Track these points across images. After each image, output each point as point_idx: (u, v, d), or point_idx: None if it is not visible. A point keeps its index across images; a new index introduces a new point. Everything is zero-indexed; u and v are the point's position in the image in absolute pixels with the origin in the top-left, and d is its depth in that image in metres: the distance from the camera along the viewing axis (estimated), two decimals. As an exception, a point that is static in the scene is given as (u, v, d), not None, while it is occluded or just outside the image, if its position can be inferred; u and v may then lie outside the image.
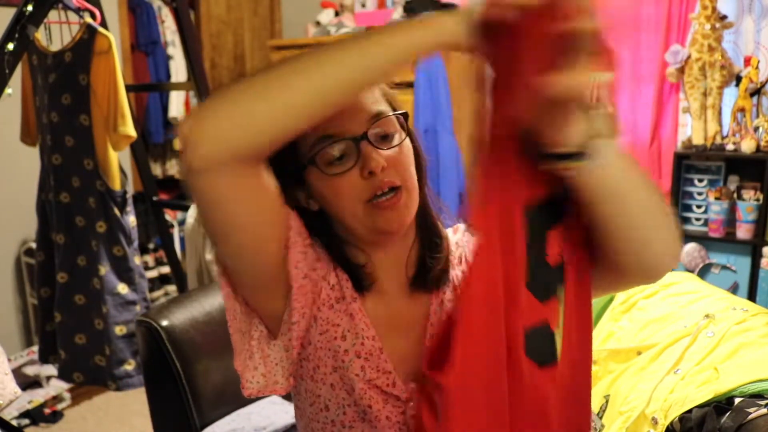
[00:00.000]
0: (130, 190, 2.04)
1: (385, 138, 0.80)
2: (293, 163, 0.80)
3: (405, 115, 0.83)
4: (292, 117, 0.63)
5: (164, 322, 1.32)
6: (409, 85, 2.73)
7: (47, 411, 2.60)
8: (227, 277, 0.79)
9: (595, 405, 1.68)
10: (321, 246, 0.85)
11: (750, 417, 1.46)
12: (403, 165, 0.79)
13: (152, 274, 3.19)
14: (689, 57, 2.57)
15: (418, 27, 0.62)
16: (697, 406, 1.53)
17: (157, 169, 3.81)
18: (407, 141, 0.82)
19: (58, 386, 2.66)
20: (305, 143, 0.79)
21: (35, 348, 2.55)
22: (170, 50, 3.69)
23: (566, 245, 0.67)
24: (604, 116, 0.61)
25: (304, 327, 0.79)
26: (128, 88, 2.02)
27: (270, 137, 0.64)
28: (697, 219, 2.71)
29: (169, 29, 3.68)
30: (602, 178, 0.64)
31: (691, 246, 2.61)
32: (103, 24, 1.98)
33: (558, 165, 0.63)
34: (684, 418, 1.54)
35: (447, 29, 0.62)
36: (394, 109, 0.83)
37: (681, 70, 2.63)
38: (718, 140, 2.56)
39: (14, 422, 2.44)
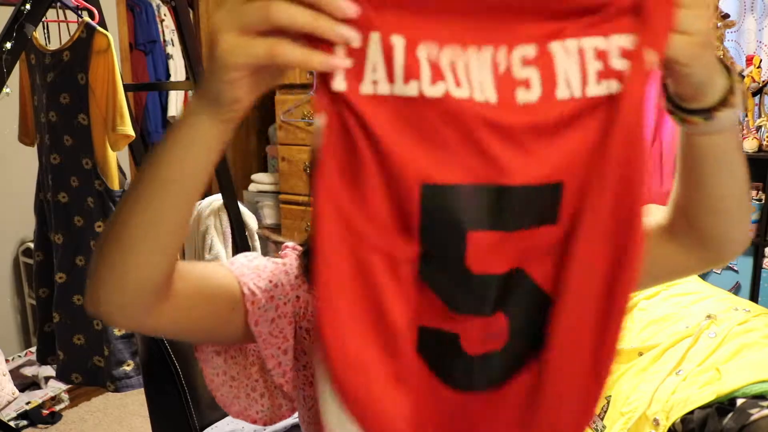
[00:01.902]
0: (129, 190, 2.03)
1: None
2: None
3: None
4: (156, 256, 0.57)
5: (163, 323, 1.31)
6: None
7: (45, 412, 2.59)
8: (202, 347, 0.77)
9: (597, 406, 1.67)
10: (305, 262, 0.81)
11: (752, 418, 1.45)
12: None
13: (151, 274, 3.19)
14: (690, 56, 2.56)
15: (181, 126, 0.53)
16: (699, 407, 1.53)
17: (156, 169, 3.80)
18: None
19: (56, 387, 2.65)
20: None
21: (33, 349, 2.54)
22: (169, 49, 3.68)
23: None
24: (737, 81, 0.57)
25: (290, 358, 0.77)
26: (127, 88, 2.01)
27: (153, 279, 0.58)
28: (698, 219, 2.70)
29: (168, 28, 3.67)
30: (715, 142, 0.60)
31: (692, 246, 2.60)
32: (102, 23, 1.97)
33: (686, 117, 0.56)
34: (686, 419, 1.53)
35: (195, 112, 0.51)
36: None
37: (682, 70, 2.62)
38: (720, 140, 2.55)
39: (12, 423, 2.44)
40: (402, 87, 0.44)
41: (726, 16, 2.51)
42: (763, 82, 2.50)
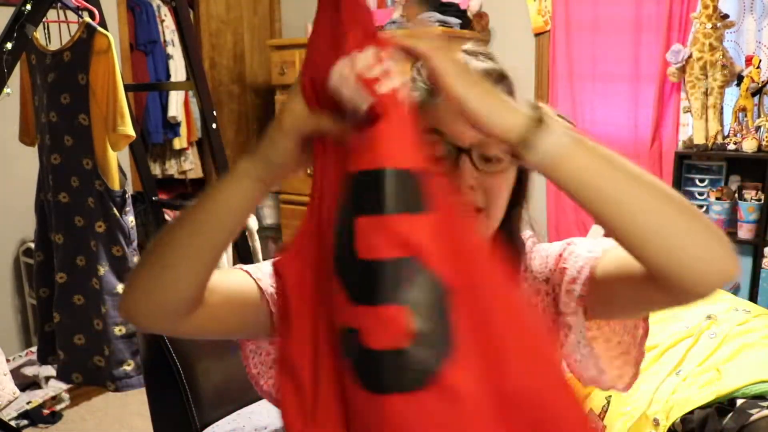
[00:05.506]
0: (130, 190, 2.03)
1: (488, 161, 0.74)
2: None
3: None
4: (191, 279, 0.68)
5: (164, 323, 1.31)
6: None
7: (46, 412, 2.59)
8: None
9: (597, 406, 1.67)
10: None
11: (752, 418, 1.46)
12: (494, 190, 0.75)
13: (151, 274, 3.19)
14: (690, 56, 2.57)
15: (227, 179, 0.67)
16: (699, 408, 1.53)
17: (156, 169, 3.80)
18: (511, 168, 0.76)
19: (56, 387, 2.65)
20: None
21: (34, 348, 2.54)
22: (169, 49, 3.68)
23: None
24: (538, 110, 0.57)
25: None
26: (127, 88, 2.01)
27: (186, 296, 0.69)
28: (698, 219, 2.70)
29: (168, 28, 3.67)
30: (565, 170, 0.56)
31: (692, 246, 2.60)
32: (102, 23, 1.98)
33: (512, 155, 0.59)
34: (686, 419, 1.54)
35: (242, 172, 0.66)
36: None
37: (682, 70, 2.62)
38: (720, 140, 2.55)
39: (13, 423, 2.44)
40: None
41: (726, 16, 2.52)
42: (763, 82, 2.50)
